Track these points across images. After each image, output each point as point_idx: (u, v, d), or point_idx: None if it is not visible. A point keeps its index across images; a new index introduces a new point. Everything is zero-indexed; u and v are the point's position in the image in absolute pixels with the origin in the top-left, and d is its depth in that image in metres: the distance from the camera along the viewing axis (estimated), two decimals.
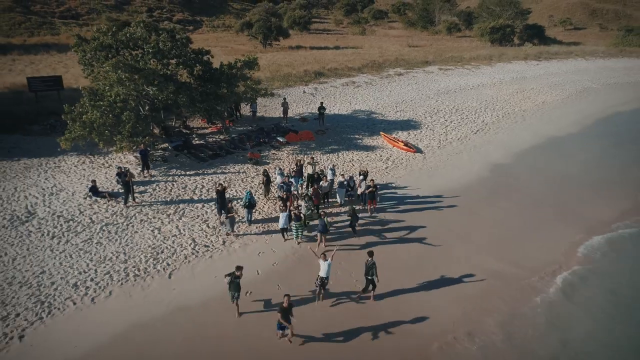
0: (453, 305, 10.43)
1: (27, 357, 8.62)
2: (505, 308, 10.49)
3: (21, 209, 13.24)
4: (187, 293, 10.55)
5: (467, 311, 10.27)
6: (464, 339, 9.47)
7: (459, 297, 10.73)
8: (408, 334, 9.54)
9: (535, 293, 11.06)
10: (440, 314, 10.14)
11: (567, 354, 9.33)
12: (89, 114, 15.26)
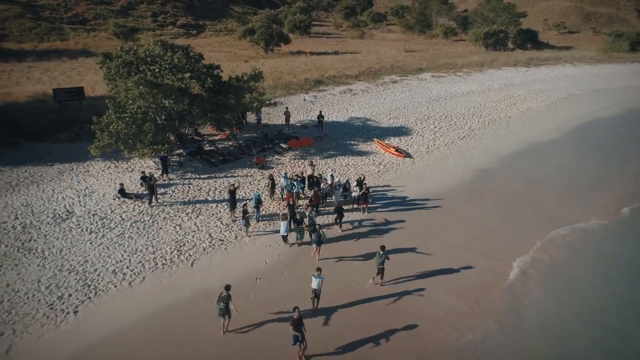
0: (434, 290, 12.55)
1: (82, 329, 10.74)
2: (476, 291, 12.61)
3: (61, 209, 15.37)
4: (207, 279, 12.67)
5: (445, 293, 12.40)
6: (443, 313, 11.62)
7: (439, 283, 12.85)
8: (400, 316, 11.69)
9: (500, 278, 13.18)
10: (423, 298, 12.27)
11: (523, 322, 11.46)
12: (115, 124, 17.37)
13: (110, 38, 57.83)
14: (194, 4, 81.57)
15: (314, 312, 11.45)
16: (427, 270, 13.35)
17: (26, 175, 17.41)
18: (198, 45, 61.96)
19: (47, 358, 9.86)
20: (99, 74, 35.88)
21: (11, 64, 40.19)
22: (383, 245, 12.67)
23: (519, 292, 12.70)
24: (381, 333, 10.90)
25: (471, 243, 14.92)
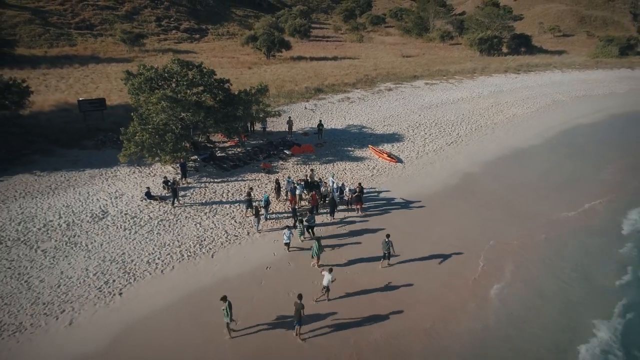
0: (417, 279, 15.20)
1: (127, 307, 13.35)
2: (447, 277, 15.25)
3: (97, 209, 18.00)
4: (225, 268, 15.29)
5: (425, 281, 15.05)
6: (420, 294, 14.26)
7: (419, 271, 15.49)
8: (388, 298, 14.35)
9: (471, 270, 15.82)
10: (408, 287, 14.93)
11: (485, 304, 14.10)
12: (139, 135, 19.97)
13: (117, 43, 60.32)
14: (196, 8, 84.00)
15: (328, 300, 13.92)
16: (412, 262, 15.99)
17: (62, 180, 20.05)
18: (202, 49, 64.64)
19: (102, 331, 12.47)
20: (111, 83, 38.65)
21: (27, 71, 42.58)
22: (388, 234, 15.50)
23: (484, 282, 15.33)
24: (372, 315, 13.53)
25: (448, 240, 17.54)
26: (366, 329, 12.89)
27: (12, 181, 19.52)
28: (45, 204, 18.07)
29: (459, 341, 12.66)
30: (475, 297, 14.46)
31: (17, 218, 16.99)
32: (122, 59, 53.38)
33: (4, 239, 15.80)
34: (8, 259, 14.85)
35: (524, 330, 13.19)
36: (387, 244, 15.28)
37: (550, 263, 16.47)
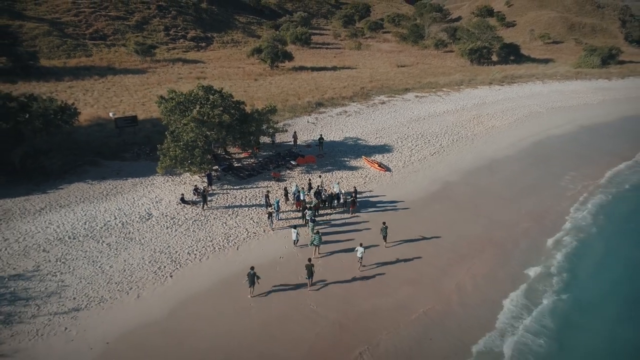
0: (393, 265, 19.89)
1: (177, 287, 17.99)
2: (420, 264, 19.94)
3: (143, 211, 22.68)
4: (248, 258, 19.92)
5: (401, 269, 19.74)
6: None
7: (398, 259, 20.18)
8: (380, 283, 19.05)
9: (437, 259, 20.49)
10: (390, 269, 19.63)
11: (444, 289, 18.79)
12: (172, 150, 24.62)
13: (129, 54, 64.88)
14: (202, 17, 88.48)
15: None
16: (393, 252, 20.69)
17: (111, 187, 24.73)
18: (209, 59, 69.17)
19: (161, 303, 17.10)
20: (132, 96, 43.24)
21: (53, 84, 47.14)
22: (384, 222, 20.72)
23: (448, 269, 20.03)
24: (360, 292, 18.24)
25: (425, 235, 22.22)
26: (357, 293, 17.61)
27: (71, 189, 24.20)
28: (101, 207, 22.75)
29: (424, 308, 17.34)
30: (440, 280, 19.16)
31: (83, 219, 21.68)
32: (137, 69, 57.90)
33: (76, 235, 20.49)
34: (82, 250, 19.54)
35: (466, 300, 17.91)
36: (384, 230, 20.67)
37: (503, 254, 21.18)
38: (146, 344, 15.13)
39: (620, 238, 23.44)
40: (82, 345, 14.90)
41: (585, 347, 16.24)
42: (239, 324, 16.21)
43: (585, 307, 18.14)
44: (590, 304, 18.35)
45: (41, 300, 16.71)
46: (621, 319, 17.60)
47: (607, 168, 32.08)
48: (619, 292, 19.26)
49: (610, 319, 17.57)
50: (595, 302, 18.45)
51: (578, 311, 17.89)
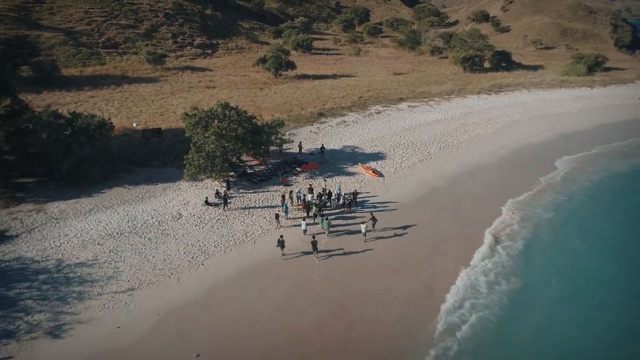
0: (381, 255, 24.65)
1: (208, 273, 22.75)
2: (403, 256, 24.69)
3: (174, 212, 27.45)
4: (265, 250, 24.67)
5: (388, 258, 24.50)
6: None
7: (386, 251, 24.93)
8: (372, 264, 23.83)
9: (418, 252, 25.25)
10: (381, 257, 24.40)
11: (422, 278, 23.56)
12: (196, 160, 29.36)
13: (141, 62, 69.55)
14: (207, 24, 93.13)
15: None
16: (382, 245, 25.46)
17: (145, 191, 29.51)
18: (216, 66, 73.84)
19: (197, 286, 21.84)
20: (150, 107, 47.89)
21: (75, 93, 51.75)
22: (371, 212, 25.67)
23: (427, 259, 24.79)
24: (355, 277, 23.02)
25: (410, 231, 26.99)
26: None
27: (112, 192, 28.99)
28: (139, 208, 27.54)
29: (406, 291, 22.11)
30: (420, 269, 23.94)
31: (125, 218, 26.46)
32: (149, 78, 62.59)
33: (122, 231, 25.27)
34: (129, 244, 24.33)
35: (439, 286, 22.68)
36: (373, 221, 26.02)
37: (472, 246, 25.95)
38: (189, 315, 19.91)
39: (565, 227, 28.26)
40: (140, 315, 19.67)
41: (529, 319, 21.00)
42: (259, 300, 20.98)
43: (530, 287, 22.90)
44: (534, 285, 23.11)
45: (103, 282, 21.49)
46: (563, 298, 22.37)
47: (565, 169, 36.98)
48: (560, 274, 24.04)
49: (550, 297, 22.33)
50: (537, 283, 23.21)
51: (523, 289, 22.66)
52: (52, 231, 24.82)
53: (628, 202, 32.79)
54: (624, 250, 26.63)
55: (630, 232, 28.61)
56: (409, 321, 20.23)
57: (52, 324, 18.93)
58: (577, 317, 21.12)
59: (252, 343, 18.57)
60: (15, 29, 67.68)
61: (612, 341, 19.75)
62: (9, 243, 23.65)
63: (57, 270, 22.01)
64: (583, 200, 32.57)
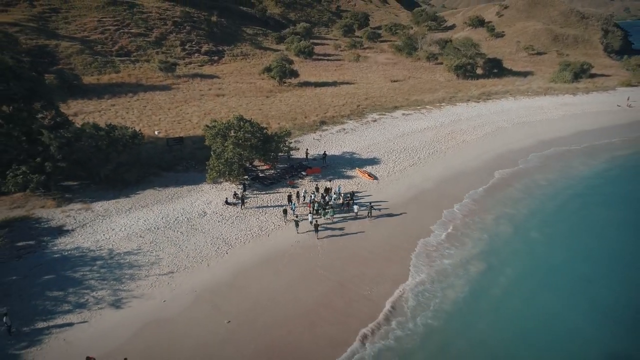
0: (374, 241, 30.08)
1: (232, 260, 28.18)
2: (390, 246, 30.11)
3: (199, 210, 32.88)
4: (277, 242, 30.09)
5: (378, 247, 29.92)
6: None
7: (377, 239, 30.35)
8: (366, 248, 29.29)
9: (405, 244, 30.65)
10: (375, 246, 29.84)
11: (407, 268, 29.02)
12: (217, 166, 34.77)
13: (153, 70, 74.86)
14: (213, 31, 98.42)
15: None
16: (374, 234, 30.89)
17: (173, 193, 34.93)
18: (223, 73, 79.20)
19: (224, 270, 27.26)
20: (167, 115, 53.23)
21: (96, 102, 57.05)
22: (370, 202, 31.53)
23: (408, 247, 30.19)
24: (352, 264, 28.45)
25: (397, 225, 32.40)
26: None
27: (146, 194, 34.43)
28: (170, 207, 32.98)
29: (391, 271, 27.51)
30: (406, 258, 29.35)
31: (160, 215, 31.89)
32: (162, 86, 67.93)
33: (158, 226, 30.71)
34: (165, 236, 29.76)
35: (419, 269, 28.09)
36: (370, 208, 31.50)
37: (451, 240, 31.39)
38: (219, 292, 25.32)
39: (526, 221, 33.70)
40: (181, 292, 25.10)
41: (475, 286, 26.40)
42: (274, 281, 26.41)
43: (484, 255, 28.31)
44: (481, 253, 28.53)
45: (148, 267, 26.92)
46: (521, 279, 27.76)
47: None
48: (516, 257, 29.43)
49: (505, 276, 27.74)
50: (486, 254, 28.62)
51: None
52: (101, 226, 30.28)
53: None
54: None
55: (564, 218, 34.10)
56: (402, 309, 25.69)
57: (113, 298, 24.38)
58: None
59: (270, 313, 24.00)
60: (35, 38, 72.95)
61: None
62: (67, 236, 29.10)
63: (110, 257, 27.46)
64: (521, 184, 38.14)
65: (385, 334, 23.03)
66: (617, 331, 23.69)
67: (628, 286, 27.22)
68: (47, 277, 25.55)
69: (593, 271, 28.58)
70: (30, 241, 28.32)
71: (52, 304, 23.63)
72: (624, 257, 30.21)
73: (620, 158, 47.80)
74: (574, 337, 23.26)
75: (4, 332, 21.46)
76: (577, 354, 22.20)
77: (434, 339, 22.89)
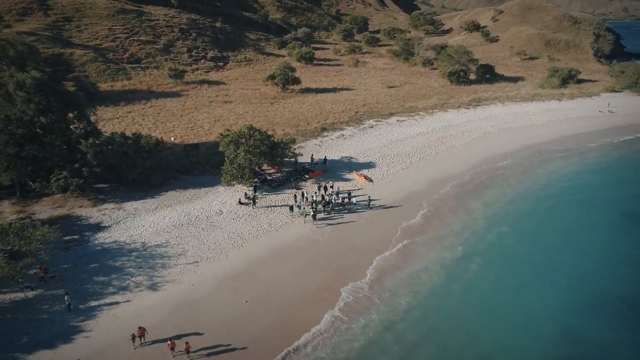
0: (364, 233, 35.33)
1: (246, 252, 33.39)
2: (379, 237, 35.32)
3: (217, 209, 38.10)
4: (284, 237, 35.27)
5: (366, 237, 35.16)
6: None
7: (369, 231, 35.57)
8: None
9: (390, 235, 35.86)
10: (368, 236, 35.08)
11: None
12: (230, 170, 39.98)
13: (162, 76, 79.97)
14: (218, 37, 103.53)
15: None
16: (367, 228, 36.09)
17: (192, 194, 40.15)
18: (228, 80, 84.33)
19: (241, 260, 32.47)
20: (180, 121, 58.38)
21: (113, 109, 62.12)
22: (368, 196, 36.42)
23: (389, 238, 35.40)
24: (349, 255, 33.67)
25: (387, 220, 37.59)
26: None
27: (168, 195, 39.64)
28: (191, 206, 38.20)
29: (383, 265, 32.68)
30: (393, 247, 34.55)
31: (182, 214, 37.10)
32: (172, 92, 73.06)
33: (182, 223, 35.92)
34: (189, 232, 34.97)
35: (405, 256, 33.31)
36: (368, 201, 36.52)
37: (431, 230, 36.59)
38: (238, 278, 30.50)
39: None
40: (206, 278, 30.29)
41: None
42: (283, 269, 31.59)
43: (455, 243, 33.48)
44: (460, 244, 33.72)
45: (176, 257, 32.13)
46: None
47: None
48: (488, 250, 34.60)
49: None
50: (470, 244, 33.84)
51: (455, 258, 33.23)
52: (133, 223, 35.51)
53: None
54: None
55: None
56: (384, 278, 30.94)
57: (150, 282, 29.60)
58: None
59: (281, 295, 29.20)
60: (51, 47, 78.04)
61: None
62: (106, 231, 34.34)
63: (143, 249, 32.69)
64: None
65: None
66: (567, 304, 28.94)
67: (579, 271, 32.44)
68: (92, 265, 30.80)
69: (554, 260, 33.82)
70: (75, 235, 33.56)
71: (100, 287, 28.87)
72: (582, 249, 35.42)
73: (594, 162, 53.00)
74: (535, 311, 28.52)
75: (65, 308, 26.68)
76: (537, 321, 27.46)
77: (398, 297, 28.15)
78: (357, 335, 26.28)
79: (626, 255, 34.70)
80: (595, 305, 29.23)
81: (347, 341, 25.80)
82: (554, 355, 25.31)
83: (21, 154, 35.70)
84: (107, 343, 24.88)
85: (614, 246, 35.98)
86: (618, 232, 38.30)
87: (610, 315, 28.41)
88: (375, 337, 26.13)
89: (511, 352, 25.46)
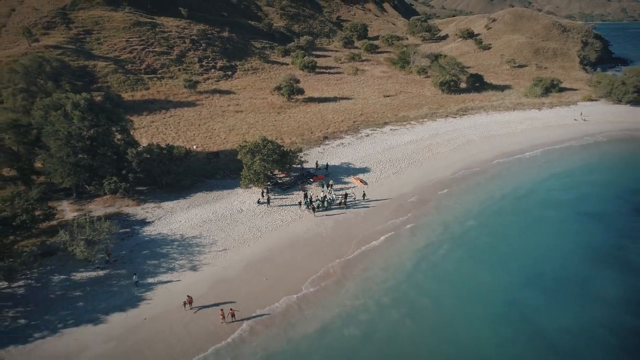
0: (360, 229, 44.31)
1: (264, 243, 42.35)
2: (372, 230, 44.32)
3: (237, 208, 47.09)
4: (295, 231, 44.25)
5: (360, 229, 44.16)
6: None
7: (363, 228, 44.56)
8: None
9: (380, 227, 44.85)
10: (363, 229, 44.10)
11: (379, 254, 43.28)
12: (247, 175, 48.94)
13: (177, 86, 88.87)
14: (226, 47, 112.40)
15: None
16: (361, 227, 45.11)
17: (216, 195, 49.13)
18: (237, 89, 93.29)
19: (261, 248, 41.42)
20: (199, 130, 67.33)
21: (137, 118, 70.95)
22: (364, 191, 44.82)
23: (379, 231, 44.41)
24: (344, 236, 42.67)
25: (380, 217, 46.55)
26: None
27: (197, 196, 48.64)
28: (217, 206, 47.18)
29: (373, 245, 41.65)
30: (378, 235, 43.54)
31: (210, 211, 46.08)
32: (188, 102, 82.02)
33: (211, 219, 44.89)
34: (217, 226, 43.95)
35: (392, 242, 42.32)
36: (364, 195, 45.38)
37: (417, 226, 45.58)
38: (259, 262, 39.43)
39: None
40: (234, 262, 39.26)
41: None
42: (294, 255, 40.49)
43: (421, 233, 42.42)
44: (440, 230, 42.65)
45: (209, 246, 41.10)
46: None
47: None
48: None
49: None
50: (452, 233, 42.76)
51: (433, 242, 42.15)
52: (172, 219, 44.53)
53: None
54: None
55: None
56: (377, 265, 39.94)
57: (190, 265, 38.60)
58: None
59: (294, 274, 38.15)
60: (75, 59, 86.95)
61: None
62: (150, 225, 43.35)
63: (182, 239, 41.70)
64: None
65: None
66: (519, 284, 37.88)
67: (531, 257, 41.42)
68: (144, 252, 39.83)
69: (512, 246, 42.81)
70: (127, 229, 42.60)
71: (153, 268, 37.90)
72: (535, 240, 44.39)
73: (559, 166, 61.94)
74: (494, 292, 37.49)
75: (130, 283, 35.70)
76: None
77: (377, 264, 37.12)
78: (340, 290, 35.49)
79: (569, 242, 43.72)
80: (535, 280, 38.26)
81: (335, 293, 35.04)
82: (501, 314, 34.33)
83: (80, 163, 44.67)
84: (164, 309, 33.90)
85: (562, 237, 44.99)
86: (568, 226, 47.30)
87: (547, 287, 37.45)
88: (355, 289, 35.31)
89: (468, 313, 34.46)
